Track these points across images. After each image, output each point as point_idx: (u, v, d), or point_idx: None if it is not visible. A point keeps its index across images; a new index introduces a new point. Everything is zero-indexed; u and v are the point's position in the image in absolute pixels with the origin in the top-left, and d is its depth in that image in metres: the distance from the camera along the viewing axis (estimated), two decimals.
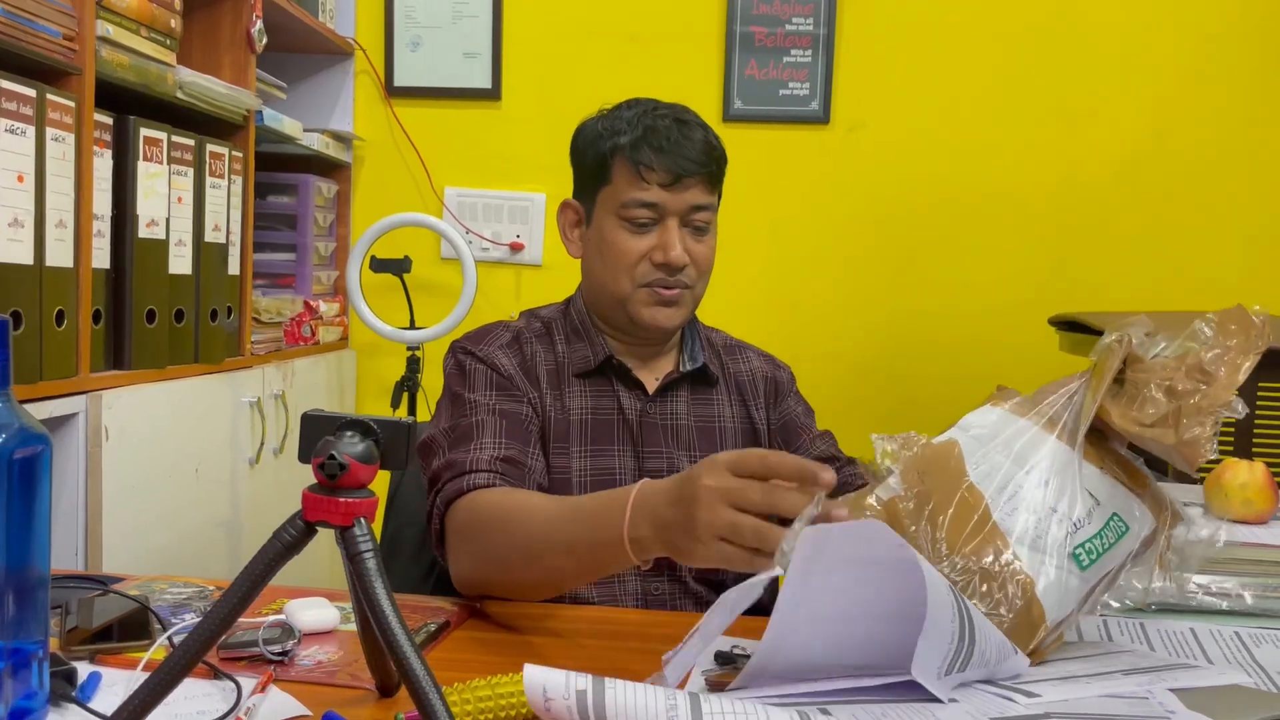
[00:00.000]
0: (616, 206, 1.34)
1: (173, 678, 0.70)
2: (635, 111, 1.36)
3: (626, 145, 1.33)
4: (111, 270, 1.63)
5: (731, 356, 1.49)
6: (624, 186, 1.33)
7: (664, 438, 1.37)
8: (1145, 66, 2.44)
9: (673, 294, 1.34)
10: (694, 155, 1.32)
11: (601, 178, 1.36)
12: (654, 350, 1.42)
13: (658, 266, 1.33)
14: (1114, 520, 0.93)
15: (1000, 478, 0.94)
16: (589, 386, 1.37)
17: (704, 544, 0.90)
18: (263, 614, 1.07)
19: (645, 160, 1.31)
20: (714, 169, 1.34)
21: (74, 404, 1.51)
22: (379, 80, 2.58)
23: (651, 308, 1.35)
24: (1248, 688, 0.89)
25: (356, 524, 0.72)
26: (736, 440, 1.42)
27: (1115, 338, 0.97)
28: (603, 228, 1.36)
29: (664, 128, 1.32)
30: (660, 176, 1.31)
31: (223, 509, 1.92)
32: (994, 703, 0.80)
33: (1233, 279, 2.42)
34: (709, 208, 1.35)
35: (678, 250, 1.32)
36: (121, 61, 1.61)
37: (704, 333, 1.49)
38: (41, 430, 0.81)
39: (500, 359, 1.36)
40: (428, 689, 0.67)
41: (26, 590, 0.80)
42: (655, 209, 1.32)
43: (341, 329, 2.55)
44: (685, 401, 1.41)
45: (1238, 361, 0.92)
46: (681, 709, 0.71)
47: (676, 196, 1.32)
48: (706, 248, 1.36)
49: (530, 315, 1.46)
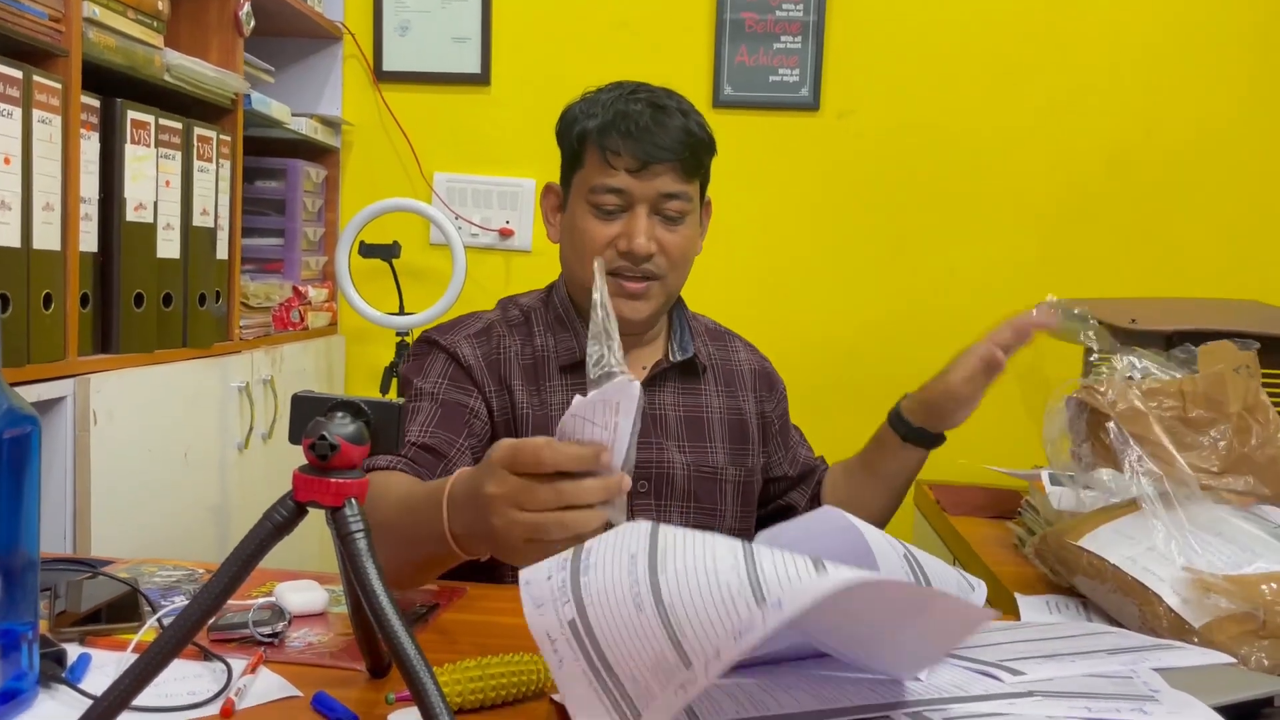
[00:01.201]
0: (586, 192, 1.31)
1: (163, 657, 0.70)
2: (613, 95, 1.33)
3: (595, 130, 1.30)
4: (99, 254, 1.62)
5: (719, 345, 1.48)
6: (593, 171, 1.31)
7: (654, 428, 1.36)
8: (1135, 56, 2.44)
9: (638, 287, 1.30)
10: (665, 142, 1.28)
11: (575, 162, 1.34)
12: (635, 340, 1.39)
13: (622, 255, 1.30)
14: None
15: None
16: (572, 380, 1.35)
17: (517, 550, 0.85)
18: (253, 596, 1.07)
19: (612, 146, 1.28)
20: (688, 156, 1.29)
21: (62, 387, 1.50)
22: (368, 65, 2.57)
23: (616, 298, 1.30)
24: (1231, 667, 0.90)
25: (347, 504, 0.72)
26: (724, 430, 1.41)
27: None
28: (574, 213, 1.34)
29: (636, 113, 1.29)
30: (628, 162, 1.28)
31: (211, 494, 1.92)
32: (978, 681, 0.81)
33: (1221, 268, 2.43)
34: (682, 196, 1.30)
35: (641, 239, 1.28)
36: (108, 43, 1.60)
37: (692, 320, 1.47)
38: (30, 411, 0.81)
39: (464, 348, 1.34)
40: (419, 668, 0.67)
41: (16, 571, 0.80)
42: (623, 195, 1.29)
43: (330, 314, 2.55)
44: (673, 392, 1.40)
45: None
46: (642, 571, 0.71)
47: (645, 183, 1.29)
48: (679, 237, 1.32)
49: (509, 303, 1.43)
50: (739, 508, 1.40)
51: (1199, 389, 1.19)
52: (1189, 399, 1.18)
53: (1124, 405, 1.19)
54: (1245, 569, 1.03)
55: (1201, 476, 1.16)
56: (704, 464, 1.38)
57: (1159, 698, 0.76)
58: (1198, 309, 1.78)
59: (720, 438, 1.40)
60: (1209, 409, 1.19)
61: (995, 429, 2.43)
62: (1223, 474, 1.17)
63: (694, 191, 1.33)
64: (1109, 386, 1.20)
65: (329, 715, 0.83)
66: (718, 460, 1.39)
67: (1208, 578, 0.98)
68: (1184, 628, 0.99)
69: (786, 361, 1.59)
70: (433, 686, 0.67)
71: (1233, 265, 2.43)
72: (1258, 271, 2.41)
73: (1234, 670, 0.90)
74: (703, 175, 1.36)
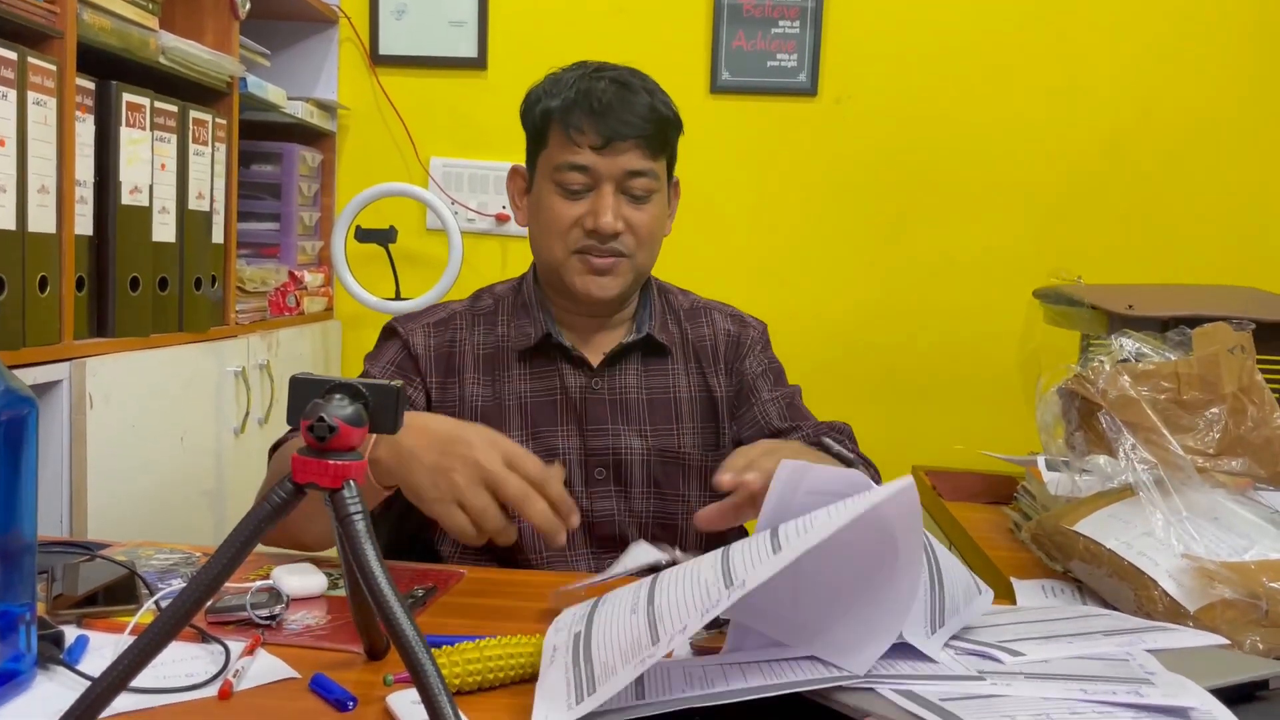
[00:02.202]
0: (551, 171, 1.31)
1: (162, 638, 0.70)
2: (576, 74, 1.33)
3: (558, 108, 1.30)
4: (95, 237, 1.62)
5: (695, 321, 1.44)
6: (557, 150, 1.30)
7: (610, 413, 1.35)
8: (1133, 41, 2.44)
9: (605, 263, 1.30)
10: (629, 119, 1.27)
11: (540, 142, 1.34)
12: (601, 322, 1.38)
13: (589, 233, 1.29)
14: None
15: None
16: (529, 368, 1.35)
17: (440, 498, 0.97)
18: (250, 580, 1.07)
19: (575, 123, 1.28)
20: (653, 133, 1.29)
21: (58, 371, 1.50)
22: (364, 48, 2.56)
23: (584, 276, 1.31)
24: (1226, 650, 0.90)
25: (346, 486, 0.72)
26: (693, 410, 1.38)
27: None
28: (540, 193, 1.33)
29: (600, 89, 1.28)
30: (591, 139, 1.28)
31: (207, 478, 1.92)
32: (977, 663, 0.81)
33: (1218, 254, 2.43)
34: (648, 174, 1.30)
35: (608, 217, 1.28)
36: (103, 25, 1.59)
37: (665, 298, 1.45)
38: (28, 393, 0.81)
39: (417, 337, 1.36)
40: (418, 649, 0.67)
41: (13, 553, 0.80)
42: (588, 173, 1.29)
43: (326, 299, 2.54)
44: (636, 374, 1.38)
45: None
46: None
47: (609, 160, 1.28)
48: (646, 215, 1.31)
49: (484, 292, 1.44)
50: (705, 492, 1.36)
51: (1194, 371, 1.19)
52: (1184, 381, 1.19)
53: (1115, 393, 1.19)
54: (1243, 555, 1.03)
55: (1196, 459, 1.16)
56: (667, 448, 1.36)
57: (1154, 680, 0.76)
58: (1194, 295, 1.79)
59: (689, 418, 1.38)
60: (1204, 391, 1.19)
61: (992, 415, 2.44)
62: (1218, 456, 1.18)
63: (660, 169, 1.33)
64: (1099, 375, 1.20)
65: (327, 696, 0.83)
66: (684, 444, 1.37)
67: (1210, 566, 0.99)
68: (1179, 612, 0.99)
69: (781, 345, 1.58)
70: (431, 668, 0.67)
71: (1230, 251, 2.43)
72: (1255, 258, 2.42)
73: (1229, 653, 0.91)
74: (669, 153, 1.35)
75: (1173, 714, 0.71)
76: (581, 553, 1.33)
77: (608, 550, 1.33)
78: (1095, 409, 1.19)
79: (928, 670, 0.79)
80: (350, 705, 0.81)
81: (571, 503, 1.00)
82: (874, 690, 0.74)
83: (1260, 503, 1.15)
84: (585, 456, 1.34)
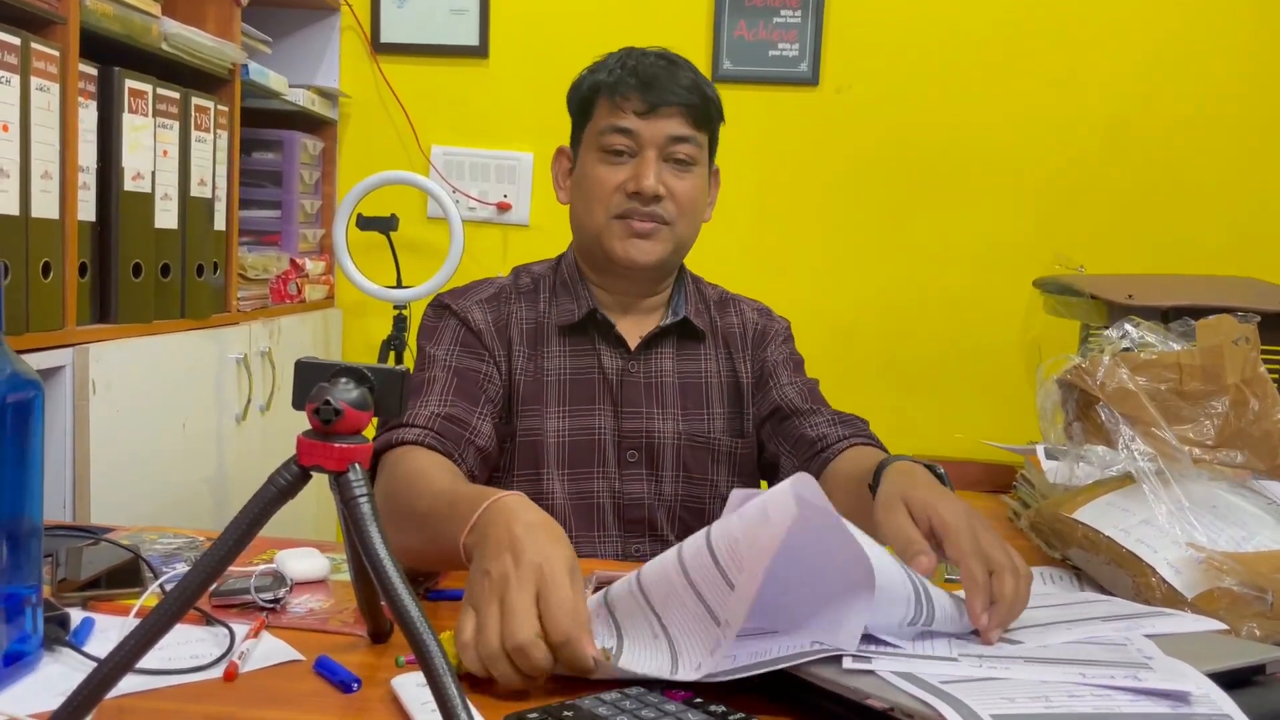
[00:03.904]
0: (595, 137, 1.34)
1: (168, 620, 0.71)
2: (623, 54, 1.37)
3: (606, 81, 1.33)
4: (97, 223, 1.62)
5: (724, 310, 1.47)
6: (601, 117, 1.33)
7: (644, 396, 1.37)
8: (1133, 29, 2.44)
9: (646, 226, 1.32)
10: (673, 87, 1.31)
11: (585, 115, 1.36)
12: (639, 300, 1.40)
13: (631, 196, 1.31)
14: None
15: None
16: (569, 345, 1.36)
17: (472, 593, 0.84)
18: (253, 564, 1.08)
19: (622, 90, 1.31)
20: (697, 102, 1.32)
21: (61, 356, 1.50)
22: (365, 36, 2.55)
23: (625, 240, 1.32)
24: (1224, 635, 0.91)
25: (351, 469, 0.72)
26: (722, 396, 1.41)
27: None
28: (584, 164, 1.36)
29: (647, 63, 1.33)
30: (636, 105, 1.31)
31: (209, 465, 1.92)
32: (974, 647, 0.82)
33: (1219, 244, 2.43)
34: (690, 140, 1.32)
35: (650, 180, 1.30)
36: (106, 11, 1.59)
37: (696, 286, 1.47)
38: (34, 376, 0.81)
39: (475, 313, 1.35)
40: (423, 631, 0.68)
41: (19, 535, 0.81)
42: (631, 136, 1.31)
43: (328, 287, 2.54)
44: (670, 358, 1.40)
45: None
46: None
47: (653, 125, 1.31)
48: (688, 184, 1.33)
49: (522, 270, 1.45)
50: (732, 478, 1.40)
51: (1196, 362, 1.19)
52: (1186, 372, 1.19)
53: (1113, 386, 1.19)
54: (1245, 546, 1.04)
55: (1195, 450, 1.17)
56: (698, 433, 1.38)
57: (1152, 664, 0.77)
58: (1195, 285, 1.79)
59: (719, 404, 1.41)
60: (1206, 382, 1.20)
61: (992, 404, 2.45)
62: (1217, 448, 1.18)
63: (703, 141, 1.35)
64: (1098, 367, 1.21)
65: (331, 678, 0.83)
66: (714, 429, 1.39)
67: (1216, 557, 0.99)
68: (1177, 599, 1.00)
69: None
70: (437, 649, 0.67)
71: (1230, 242, 2.43)
72: (1255, 248, 2.42)
73: (1227, 638, 0.91)
74: (711, 131, 1.37)
75: (1170, 698, 0.72)
76: (611, 535, 1.35)
77: (636, 534, 1.35)
78: (1093, 401, 1.19)
79: (928, 652, 0.80)
80: (354, 687, 0.82)
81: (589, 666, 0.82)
82: (875, 674, 0.75)
83: (1258, 492, 1.15)
84: (620, 438, 1.36)
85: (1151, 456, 1.12)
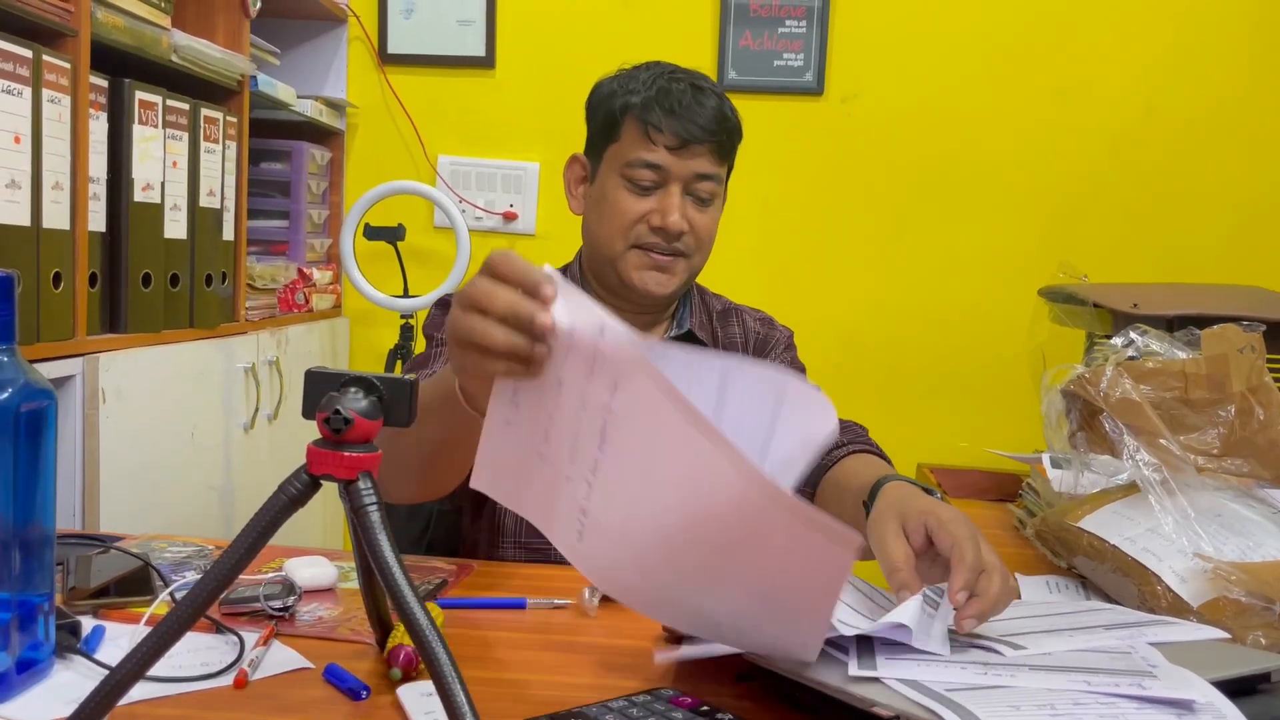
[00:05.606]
0: (621, 165, 1.33)
1: (178, 628, 0.71)
2: (652, 73, 1.35)
3: (638, 105, 1.32)
4: (107, 233, 1.63)
5: (726, 321, 1.48)
6: (631, 146, 1.32)
7: None
8: (1137, 39, 2.44)
9: (666, 260, 1.32)
10: (705, 122, 1.30)
11: (610, 135, 1.35)
12: (645, 319, 1.40)
13: (654, 230, 1.31)
14: None
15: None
16: None
17: (456, 355, 0.84)
18: (262, 572, 1.08)
19: (655, 121, 1.30)
20: (724, 139, 1.32)
21: (71, 366, 1.51)
22: (372, 47, 2.57)
23: (642, 271, 1.33)
24: (1228, 643, 0.91)
25: (361, 478, 0.73)
26: None
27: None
28: (605, 185, 1.35)
29: (678, 91, 1.31)
30: (668, 139, 1.30)
31: (217, 474, 1.93)
32: (979, 655, 0.82)
33: (1224, 253, 2.44)
34: (714, 178, 1.33)
35: (676, 216, 1.30)
36: (116, 23, 1.60)
37: (701, 297, 1.47)
38: (47, 385, 0.82)
39: None
40: (431, 639, 0.68)
41: (32, 543, 0.81)
42: (660, 171, 1.31)
43: (335, 296, 2.56)
44: None
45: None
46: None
47: (682, 162, 1.31)
48: (708, 219, 1.34)
49: None
50: None
51: (1201, 371, 1.19)
52: (1191, 381, 1.19)
53: (1116, 396, 1.19)
54: (1251, 555, 1.04)
55: (1201, 459, 1.17)
56: None
57: (1157, 673, 0.77)
58: (1200, 294, 1.79)
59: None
60: (1211, 391, 1.20)
61: (997, 413, 2.45)
62: (1223, 456, 1.18)
63: (723, 175, 1.36)
64: (1101, 377, 1.21)
65: (340, 686, 0.84)
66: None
67: (1224, 568, 0.99)
68: (1183, 608, 1.00)
69: None
70: (445, 656, 0.68)
71: (1235, 250, 2.44)
72: (1260, 257, 2.42)
73: (1231, 646, 0.91)
74: (730, 160, 1.38)
75: (1175, 706, 0.72)
76: None
77: None
78: (1097, 411, 1.19)
79: (932, 661, 0.80)
80: (363, 695, 0.83)
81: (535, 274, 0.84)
82: (880, 681, 0.75)
83: (1264, 501, 1.16)
84: None
85: (1156, 466, 1.12)
